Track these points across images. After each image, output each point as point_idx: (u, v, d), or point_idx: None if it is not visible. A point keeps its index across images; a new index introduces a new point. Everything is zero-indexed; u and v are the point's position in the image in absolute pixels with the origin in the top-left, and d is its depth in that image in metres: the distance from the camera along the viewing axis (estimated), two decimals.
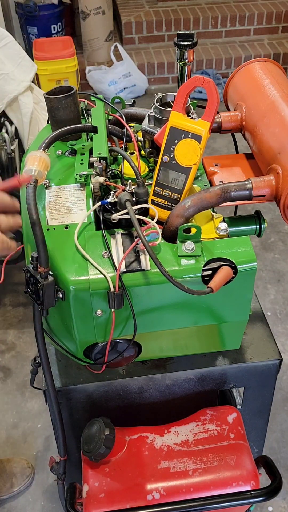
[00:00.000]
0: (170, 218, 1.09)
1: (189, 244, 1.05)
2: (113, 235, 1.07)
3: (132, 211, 1.02)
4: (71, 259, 1.04)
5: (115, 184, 1.12)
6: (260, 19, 4.79)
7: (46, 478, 2.06)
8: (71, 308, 1.04)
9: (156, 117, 1.18)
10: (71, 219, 1.10)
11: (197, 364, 1.32)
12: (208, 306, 1.11)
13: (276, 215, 3.17)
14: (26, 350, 2.54)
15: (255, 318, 1.43)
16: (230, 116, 1.28)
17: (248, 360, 1.33)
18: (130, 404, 1.35)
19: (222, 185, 1.10)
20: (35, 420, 2.26)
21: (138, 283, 1.03)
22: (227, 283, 1.05)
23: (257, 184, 1.09)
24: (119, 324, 1.08)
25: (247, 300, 1.13)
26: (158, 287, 1.04)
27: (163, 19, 4.67)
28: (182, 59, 1.29)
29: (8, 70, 2.37)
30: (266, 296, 2.76)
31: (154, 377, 1.31)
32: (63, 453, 1.29)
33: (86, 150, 1.21)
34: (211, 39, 4.82)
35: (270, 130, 1.16)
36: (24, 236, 1.18)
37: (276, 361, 1.33)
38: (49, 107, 1.23)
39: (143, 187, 1.08)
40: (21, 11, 4.29)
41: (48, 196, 1.14)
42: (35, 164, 1.04)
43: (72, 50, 3.85)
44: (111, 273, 1.02)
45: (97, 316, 1.05)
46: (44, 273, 0.99)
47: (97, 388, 1.30)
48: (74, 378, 1.30)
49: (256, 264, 1.06)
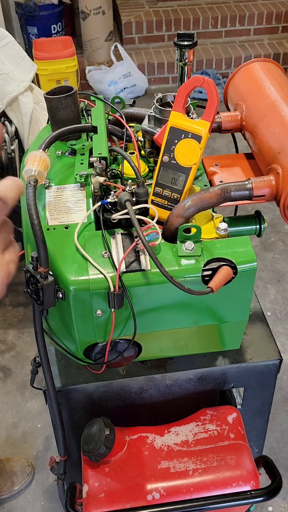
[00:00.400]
0: (170, 218, 1.09)
1: (189, 244, 1.05)
2: (113, 235, 1.07)
3: (132, 211, 1.02)
4: (71, 259, 1.04)
5: (115, 184, 1.12)
6: (260, 19, 4.79)
7: (46, 478, 2.06)
8: (71, 308, 1.04)
9: (156, 117, 1.18)
10: (71, 219, 1.10)
11: (197, 364, 1.32)
12: (208, 306, 1.11)
13: (276, 215, 3.17)
14: (26, 350, 2.54)
15: (255, 318, 1.43)
16: (230, 116, 1.28)
17: (248, 360, 1.33)
18: (130, 404, 1.35)
19: (222, 185, 1.10)
20: (35, 420, 2.26)
21: (138, 283, 1.03)
22: (227, 283, 1.05)
23: (257, 184, 1.09)
24: (119, 324, 1.08)
25: (247, 300, 1.13)
26: (158, 287, 1.04)
27: (163, 19, 4.68)
28: (182, 59, 1.29)
29: (8, 70, 2.37)
30: (266, 296, 2.76)
31: (154, 377, 1.31)
32: (63, 453, 1.30)
33: (86, 150, 1.20)
34: (211, 39, 4.82)
35: (270, 130, 1.16)
36: (24, 236, 1.18)
37: (276, 361, 1.33)
38: (49, 107, 1.23)
39: (143, 187, 1.08)
40: (21, 11, 4.30)
41: (48, 196, 1.14)
42: (35, 164, 1.04)
43: (72, 50, 3.86)
44: (111, 273, 1.02)
45: (97, 316, 1.05)
46: (44, 273, 0.99)
47: (97, 388, 1.30)
48: (74, 378, 1.30)
49: (256, 264, 1.06)
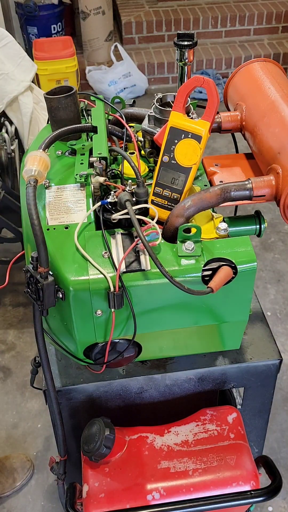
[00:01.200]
0: (170, 218, 1.09)
1: (189, 244, 1.05)
2: (113, 235, 1.07)
3: (132, 211, 1.02)
4: (71, 259, 1.04)
5: (115, 184, 1.12)
6: (260, 19, 4.78)
7: (46, 478, 2.06)
8: (71, 308, 1.04)
9: (156, 117, 1.18)
10: (71, 219, 1.10)
11: (197, 364, 1.32)
12: (208, 306, 1.11)
13: (276, 215, 3.17)
14: (26, 350, 2.54)
15: (255, 318, 1.43)
16: (230, 116, 1.28)
17: (248, 360, 1.33)
18: (130, 404, 1.35)
19: (222, 185, 1.10)
20: (35, 420, 2.26)
21: (138, 283, 1.03)
22: (227, 283, 1.05)
23: (257, 184, 1.09)
24: (119, 324, 1.08)
25: (247, 300, 1.13)
26: (158, 287, 1.04)
27: (163, 19, 4.67)
28: (182, 59, 1.29)
29: (8, 70, 2.37)
30: (266, 296, 2.76)
31: (154, 377, 1.31)
32: (63, 453, 1.29)
33: (86, 150, 1.20)
34: (211, 39, 4.81)
35: (270, 130, 1.16)
36: (24, 236, 1.18)
37: (276, 361, 1.33)
38: (49, 107, 1.23)
39: (143, 187, 1.08)
40: (21, 11, 4.29)
41: (48, 196, 1.14)
42: (35, 164, 1.04)
43: (72, 50, 3.85)
44: (111, 273, 1.02)
45: (97, 316, 1.05)
46: (44, 273, 0.99)
47: (97, 388, 1.30)
48: (74, 378, 1.30)
49: (256, 264, 1.06)
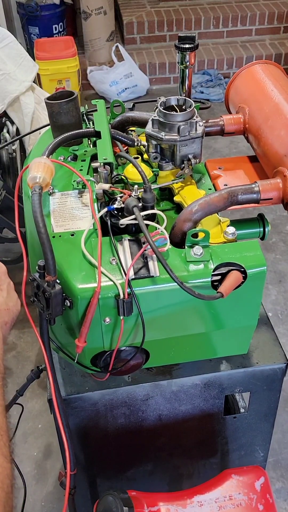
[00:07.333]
0: (177, 223, 1.07)
1: (198, 249, 1.04)
2: (120, 241, 1.06)
3: (141, 217, 1.00)
4: (78, 267, 1.02)
5: (122, 189, 1.10)
6: (262, 19, 4.75)
7: (46, 479, 2.04)
8: (79, 317, 1.02)
9: (160, 121, 1.17)
10: (77, 225, 1.08)
11: (203, 369, 1.31)
12: (217, 311, 1.09)
13: (277, 215, 3.16)
14: (27, 350, 2.51)
15: (260, 321, 1.40)
16: (233, 119, 1.27)
17: (254, 365, 1.32)
18: (135, 411, 1.33)
19: (228, 188, 1.09)
20: (35, 421, 2.24)
21: (147, 290, 1.01)
22: (237, 288, 1.04)
23: (264, 187, 1.08)
24: (127, 331, 1.07)
25: (256, 305, 1.11)
26: (167, 293, 1.03)
27: (164, 19, 4.64)
28: (183, 62, 1.27)
29: (9, 70, 2.35)
30: (268, 297, 2.75)
31: (160, 384, 1.30)
32: (73, 467, 1.23)
33: (88, 156, 1.19)
34: (212, 39, 4.78)
35: (275, 133, 1.15)
36: (28, 244, 1.16)
37: (282, 365, 1.32)
38: (50, 112, 1.21)
39: (151, 193, 1.06)
40: (23, 11, 4.28)
41: (52, 203, 1.12)
42: (40, 171, 1.01)
43: (73, 50, 3.84)
44: (120, 280, 1.00)
45: (105, 323, 1.04)
46: (52, 282, 0.97)
47: (103, 396, 1.28)
48: (79, 386, 1.28)
49: (266, 268, 1.05)
